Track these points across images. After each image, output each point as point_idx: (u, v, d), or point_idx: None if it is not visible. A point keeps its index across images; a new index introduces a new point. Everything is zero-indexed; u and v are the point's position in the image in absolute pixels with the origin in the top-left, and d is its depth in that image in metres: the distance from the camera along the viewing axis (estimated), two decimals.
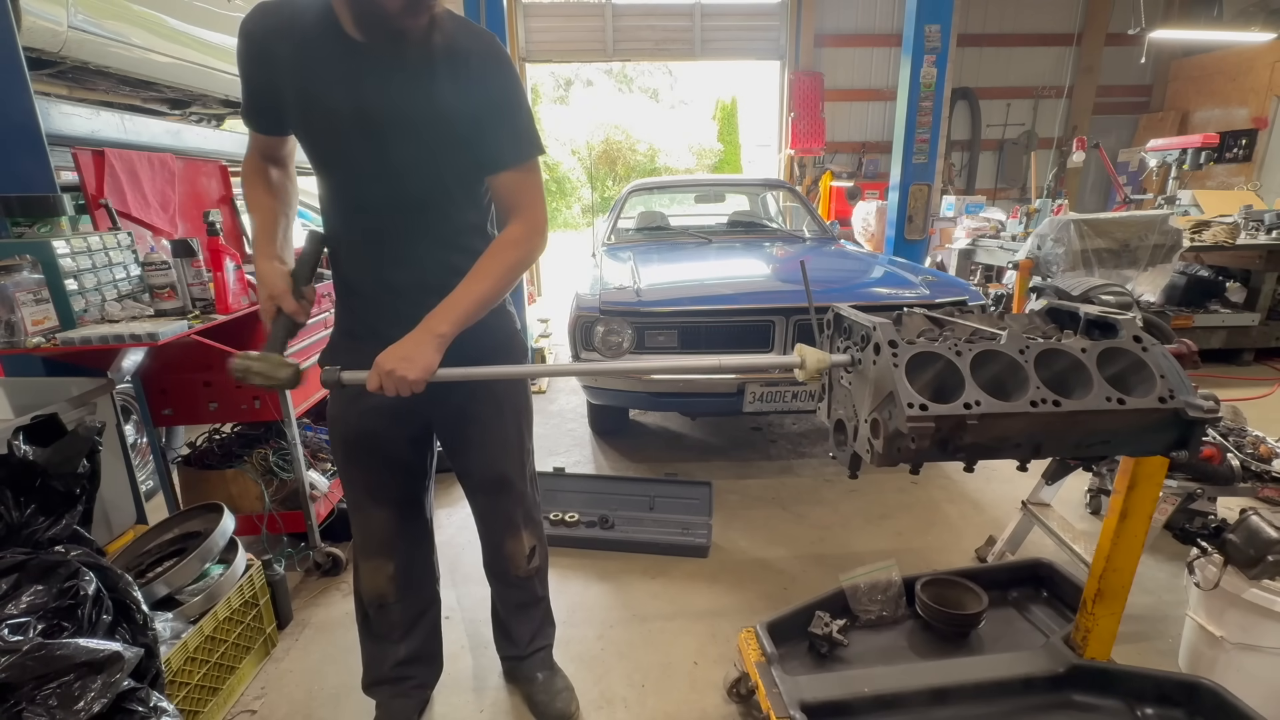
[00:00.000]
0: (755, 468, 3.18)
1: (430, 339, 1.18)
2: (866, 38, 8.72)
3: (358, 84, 1.17)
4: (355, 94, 1.17)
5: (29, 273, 1.56)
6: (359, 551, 1.56)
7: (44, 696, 1.04)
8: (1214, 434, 1.90)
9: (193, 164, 2.63)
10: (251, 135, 1.32)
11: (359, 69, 1.16)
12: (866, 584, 1.74)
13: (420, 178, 1.25)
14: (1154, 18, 7.95)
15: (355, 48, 1.15)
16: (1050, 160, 8.67)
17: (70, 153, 1.99)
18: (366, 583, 1.56)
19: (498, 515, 1.59)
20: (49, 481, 1.29)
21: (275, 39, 1.18)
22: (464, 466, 1.56)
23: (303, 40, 1.17)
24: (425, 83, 1.18)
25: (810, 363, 1.18)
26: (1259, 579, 1.47)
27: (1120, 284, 3.35)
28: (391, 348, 1.17)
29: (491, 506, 1.59)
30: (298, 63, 1.18)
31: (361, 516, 1.53)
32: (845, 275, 3.31)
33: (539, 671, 1.73)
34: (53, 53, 2.20)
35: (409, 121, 1.20)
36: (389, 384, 1.16)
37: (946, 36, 4.41)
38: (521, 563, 1.62)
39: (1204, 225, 4.63)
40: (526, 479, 1.60)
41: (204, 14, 2.92)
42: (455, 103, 1.19)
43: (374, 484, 1.51)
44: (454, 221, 1.32)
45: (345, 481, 1.54)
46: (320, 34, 1.16)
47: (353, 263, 1.35)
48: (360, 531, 1.55)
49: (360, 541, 1.55)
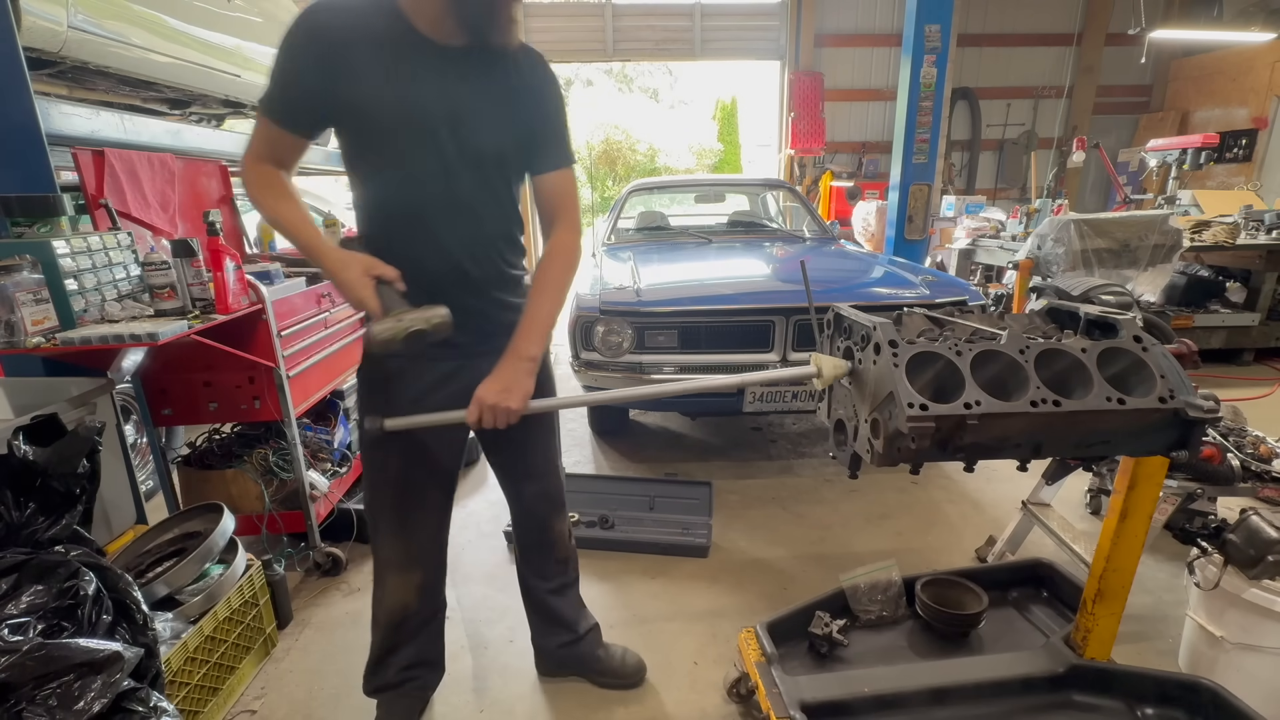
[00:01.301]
0: (755, 468, 3.18)
1: (524, 365, 1.23)
2: (866, 38, 8.72)
3: (448, 85, 1.20)
4: (445, 95, 1.21)
5: (29, 273, 1.56)
6: (388, 566, 1.53)
7: (44, 696, 1.04)
8: (1214, 434, 1.90)
9: (193, 164, 2.63)
10: (263, 138, 1.24)
11: (448, 70, 1.20)
12: (866, 584, 1.74)
13: (478, 178, 1.28)
14: (1154, 18, 7.95)
15: (438, 49, 1.19)
16: (1050, 160, 8.68)
17: (70, 153, 1.98)
18: (394, 597, 1.53)
19: (547, 497, 1.64)
20: (49, 481, 1.29)
21: (347, 38, 1.16)
22: (511, 457, 1.57)
23: (380, 41, 1.17)
24: (502, 86, 1.25)
25: (827, 371, 1.18)
26: (1259, 579, 1.47)
27: (1120, 284, 3.35)
28: (489, 380, 1.23)
29: (541, 490, 1.63)
30: (376, 63, 1.17)
31: (403, 527, 1.50)
32: (845, 275, 3.31)
33: (598, 649, 1.80)
34: (53, 53, 2.20)
35: (485, 122, 1.25)
36: (490, 417, 1.20)
37: (946, 36, 4.42)
38: (566, 541, 1.70)
39: (1204, 225, 4.63)
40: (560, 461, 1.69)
41: (204, 14, 2.91)
42: (522, 106, 1.27)
43: (423, 493, 1.49)
44: (497, 223, 1.35)
45: (387, 490, 1.47)
46: (398, 36, 1.18)
47: (397, 263, 1.31)
48: (395, 543, 1.51)
49: (392, 555, 1.52)
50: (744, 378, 1.29)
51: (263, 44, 3.41)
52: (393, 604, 1.55)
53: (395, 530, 1.51)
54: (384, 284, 1.17)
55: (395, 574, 1.53)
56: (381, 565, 1.55)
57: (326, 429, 2.59)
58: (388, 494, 1.48)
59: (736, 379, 1.28)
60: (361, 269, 1.17)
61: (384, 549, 1.53)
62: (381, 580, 1.55)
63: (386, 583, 1.54)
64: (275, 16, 3.57)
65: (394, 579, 1.53)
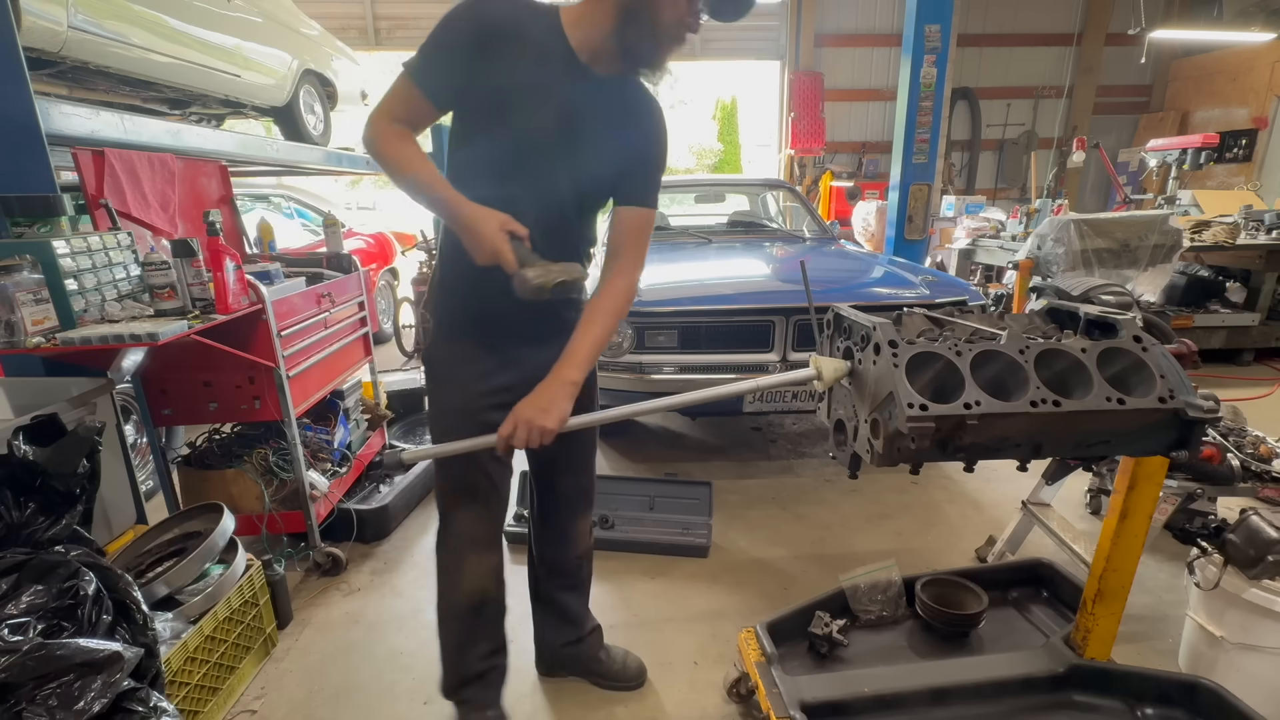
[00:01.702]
0: (755, 468, 3.18)
1: (564, 388, 1.27)
2: (866, 38, 8.73)
3: (578, 104, 1.28)
4: (574, 112, 1.28)
5: (29, 273, 1.55)
6: (470, 549, 1.51)
7: (44, 696, 1.04)
8: (1214, 434, 1.90)
9: (193, 164, 2.63)
10: (402, 100, 1.28)
11: (582, 91, 1.27)
12: (866, 584, 1.74)
13: (580, 192, 1.36)
14: (1154, 18, 7.95)
15: (580, 70, 1.27)
16: (1050, 160, 8.68)
17: (70, 153, 1.98)
18: (473, 581, 1.52)
19: (580, 491, 1.68)
20: (49, 481, 1.29)
21: (505, 30, 1.23)
22: (551, 453, 1.55)
23: (536, 47, 1.24)
24: (624, 116, 1.34)
25: (827, 374, 1.18)
26: (1259, 579, 1.47)
27: (1120, 284, 3.36)
28: (528, 398, 1.27)
29: (576, 484, 1.67)
30: (520, 65, 1.24)
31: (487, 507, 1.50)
32: (845, 275, 3.31)
33: (599, 651, 1.81)
34: (53, 53, 2.20)
35: (601, 146, 1.32)
36: (524, 432, 1.24)
37: (946, 36, 4.42)
38: (588, 538, 1.74)
39: (1204, 225, 4.63)
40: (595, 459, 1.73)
41: (204, 14, 2.91)
42: (635, 139, 1.36)
43: (502, 474, 1.51)
44: (584, 233, 1.45)
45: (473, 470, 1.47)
46: (550, 46, 1.25)
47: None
48: (479, 526, 1.51)
49: (476, 537, 1.51)
50: (748, 384, 1.26)
51: (263, 44, 3.42)
52: (472, 589, 1.52)
53: (480, 513, 1.50)
54: (516, 239, 1.23)
55: (476, 557, 1.52)
56: (457, 550, 1.52)
57: (326, 429, 2.59)
58: (474, 474, 1.47)
59: (746, 385, 1.25)
60: (498, 223, 1.21)
61: (464, 532, 1.51)
62: (458, 566, 1.52)
63: (465, 568, 1.51)
64: (275, 16, 3.57)
65: (474, 562, 1.51)
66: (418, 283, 5.44)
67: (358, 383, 2.87)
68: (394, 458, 1.19)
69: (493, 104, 1.27)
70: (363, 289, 2.79)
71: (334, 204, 6.74)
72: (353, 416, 2.78)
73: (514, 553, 2.47)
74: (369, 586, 2.29)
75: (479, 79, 1.24)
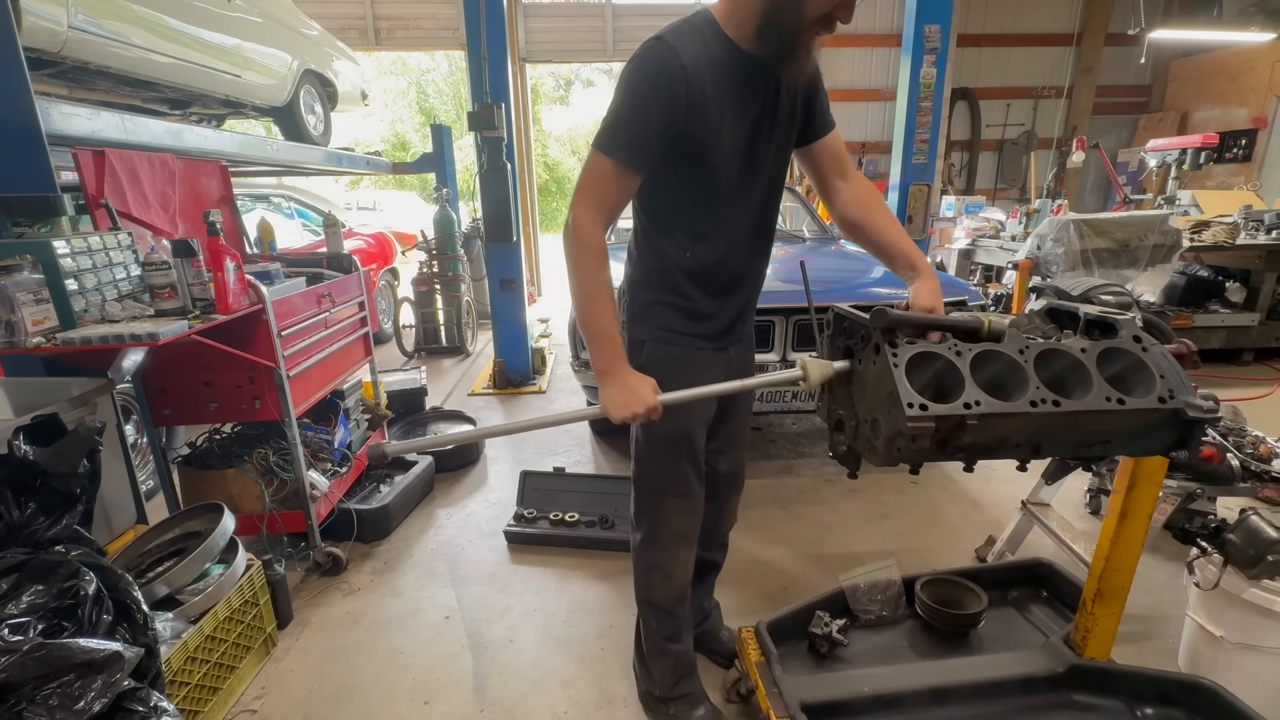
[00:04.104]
0: (755, 468, 3.18)
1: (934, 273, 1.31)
2: (866, 38, 8.71)
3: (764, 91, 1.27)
4: (764, 103, 1.27)
5: (29, 273, 1.56)
6: (682, 543, 1.53)
7: (44, 696, 1.04)
8: (1214, 434, 1.90)
9: (193, 164, 2.63)
10: (611, 184, 1.20)
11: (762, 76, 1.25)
12: (866, 584, 1.74)
13: (775, 193, 1.39)
14: (1154, 18, 7.93)
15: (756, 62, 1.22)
16: (1050, 160, 8.67)
17: (70, 153, 1.98)
18: (684, 574, 1.54)
19: (737, 475, 1.71)
20: (49, 481, 1.29)
21: (696, 74, 1.17)
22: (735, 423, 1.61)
23: (719, 71, 1.20)
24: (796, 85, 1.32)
25: (813, 375, 1.18)
26: (1259, 579, 1.47)
27: (1120, 284, 3.35)
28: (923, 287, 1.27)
29: (740, 459, 1.69)
30: (718, 97, 1.21)
31: (696, 499, 1.52)
32: (845, 275, 3.31)
33: (722, 630, 1.89)
34: (53, 53, 2.20)
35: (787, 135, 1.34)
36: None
37: (946, 36, 4.41)
38: (735, 517, 1.80)
39: (1204, 225, 4.63)
40: None
41: (204, 14, 2.92)
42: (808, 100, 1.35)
43: (697, 474, 1.52)
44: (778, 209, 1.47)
45: (686, 463, 1.48)
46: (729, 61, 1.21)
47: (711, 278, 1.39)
48: (692, 519, 1.53)
49: (688, 531, 1.53)
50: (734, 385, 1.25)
51: (263, 44, 3.42)
52: (683, 581, 1.55)
53: (693, 506, 1.52)
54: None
55: (687, 549, 1.54)
56: (671, 544, 1.53)
57: (326, 429, 2.59)
58: (688, 467, 1.48)
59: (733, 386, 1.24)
60: (651, 387, 1.22)
61: (677, 525, 1.52)
62: (670, 560, 1.53)
63: (678, 561, 1.53)
64: (275, 16, 3.57)
65: (685, 555, 1.54)
66: (418, 283, 5.45)
67: (358, 383, 2.88)
68: (377, 450, 1.20)
69: (700, 149, 1.24)
70: (363, 289, 2.79)
71: (334, 204, 6.75)
72: (353, 416, 2.78)
73: (515, 552, 2.48)
74: (369, 586, 2.29)
75: (681, 132, 1.20)
